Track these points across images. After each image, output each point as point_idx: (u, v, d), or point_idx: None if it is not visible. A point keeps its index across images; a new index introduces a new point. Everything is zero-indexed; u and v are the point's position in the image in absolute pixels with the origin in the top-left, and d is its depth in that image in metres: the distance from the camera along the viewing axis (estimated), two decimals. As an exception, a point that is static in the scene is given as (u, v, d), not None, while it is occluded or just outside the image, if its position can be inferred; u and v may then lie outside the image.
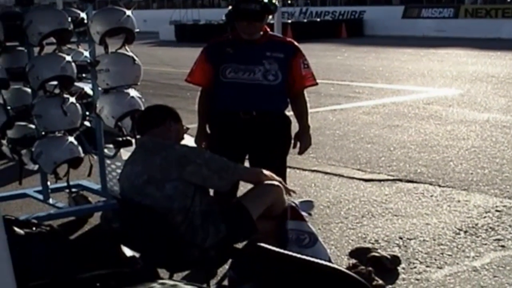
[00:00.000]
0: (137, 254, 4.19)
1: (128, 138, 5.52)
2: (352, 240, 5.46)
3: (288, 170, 5.29)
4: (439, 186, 7.00)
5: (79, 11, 5.64)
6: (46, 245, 4.12)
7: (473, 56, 20.69)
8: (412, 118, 10.98)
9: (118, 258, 4.16)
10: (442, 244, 5.32)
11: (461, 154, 8.36)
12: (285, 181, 4.96)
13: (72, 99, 5.35)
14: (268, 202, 4.22)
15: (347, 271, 3.89)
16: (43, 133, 5.35)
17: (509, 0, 34.41)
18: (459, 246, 5.27)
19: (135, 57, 5.52)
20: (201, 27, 32.65)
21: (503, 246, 5.24)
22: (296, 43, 5.07)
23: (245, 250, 4.13)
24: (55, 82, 5.30)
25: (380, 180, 7.30)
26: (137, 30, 5.51)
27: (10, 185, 6.70)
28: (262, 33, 4.94)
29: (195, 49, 5.49)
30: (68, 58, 5.30)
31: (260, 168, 4.52)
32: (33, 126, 5.47)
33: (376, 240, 5.45)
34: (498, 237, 5.44)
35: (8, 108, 5.32)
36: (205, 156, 4.12)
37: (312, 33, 30.29)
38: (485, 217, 5.95)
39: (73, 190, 6.03)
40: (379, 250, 4.95)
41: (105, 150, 5.85)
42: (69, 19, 5.31)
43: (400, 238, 5.48)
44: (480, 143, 8.94)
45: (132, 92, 5.52)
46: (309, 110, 5.11)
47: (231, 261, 4.20)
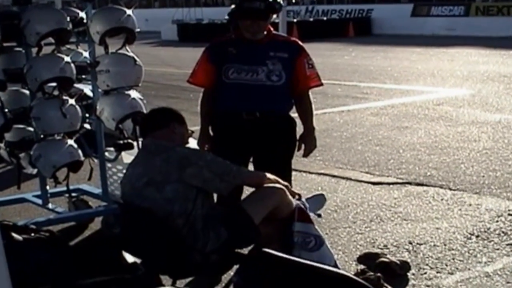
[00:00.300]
0: (138, 260, 4.19)
1: (129, 141, 5.53)
2: (360, 245, 5.46)
3: (294, 173, 5.30)
4: (450, 189, 6.99)
5: (78, 11, 5.65)
6: (46, 252, 4.12)
7: (484, 55, 20.67)
8: (421, 119, 10.97)
9: (119, 264, 4.16)
10: (453, 249, 5.31)
11: (472, 156, 8.35)
12: (290, 184, 4.97)
13: (71, 101, 5.35)
14: (270, 205, 4.21)
15: (355, 277, 3.89)
16: (42, 136, 5.36)
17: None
18: (471, 251, 5.26)
19: (136, 58, 5.53)
20: (204, 27, 32.68)
21: (516, 251, 5.25)
22: (300, 43, 5.07)
23: (250, 256, 4.12)
24: (54, 84, 5.29)
25: (389, 183, 7.29)
26: (138, 30, 5.52)
27: (8, 189, 6.70)
28: (266, 32, 4.95)
29: (198, 49, 5.49)
30: (67, 59, 5.30)
31: (264, 170, 4.51)
32: (31, 129, 5.47)
33: (385, 245, 5.45)
34: (511, 241, 5.44)
35: (6, 110, 5.31)
36: (207, 158, 4.13)
37: (318, 32, 30.30)
38: (497, 221, 5.94)
39: (73, 194, 6.03)
40: (388, 256, 4.95)
41: (106, 153, 5.86)
42: (68, 18, 5.31)
43: (410, 243, 5.48)
44: (492, 145, 8.93)
45: (133, 94, 5.53)
46: (314, 111, 5.11)
47: (237, 267, 4.20)
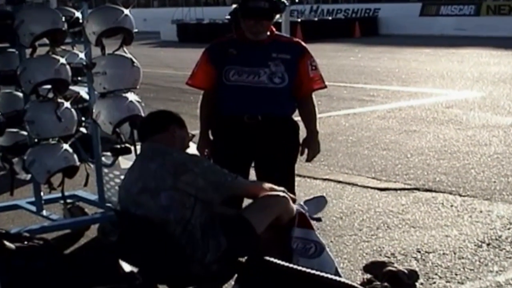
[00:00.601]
0: (135, 269, 4.18)
1: (127, 145, 5.53)
2: (366, 254, 5.46)
3: (298, 178, 5.30)
4: (460, 195, 6.99)
5: (74, 10, 5.65)
6: (39, 260, 4.12)
7: (495, 56, 20.68)
8: (430, 122, 10.97)
9: (116, 274, 4.16)
10: (463, 258, 5.31)
11: (483, 161, 8.34)
12: (293, 190, 4.97)
13: (66, 104, 5.36)
14: (274, 214, 4.19)
15: (361, 287, 3.88)
16: (36, 140, 5.36)
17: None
18: (482, 260, 5.26)
19: (133, 59, 5.53)
20: (205, 27, 32.71)
21: (528, 260, 5.24)
22: (303, 43, 5.07)
23: (250, 264, 4.12)
24: (48, 86, 5.31)
25: (396, 189, 7.29)
26: (136, 30, 5.52)
27: (1, 196, 6.69)
28: (268, 33, 4.95)
29: (199, 50, 5.49)
30: (62, 60, 5.31)
31: (266, 176, 4.50)
32: (25, 133, 5.47)
33: (392, 254, 5.44)
34: (523, 250, 5.44)
35: (-1, 113, 5.34)
36: (204, 165, 4.11)
37: (323, 32, 30.34)
38: (509, 228, 5.94)
39: (68, 201, 6.03)
40: (395, 264, 4.93)
41: (103, 158, 5.85)
42: (63, 18, 5.32)
43: (418, 251, 5.47)
44: (504, 149, 8.93)
45: (131, 96, 5.53)
46: (318, 115, 5.10)
47: (236, 275, 4.19)
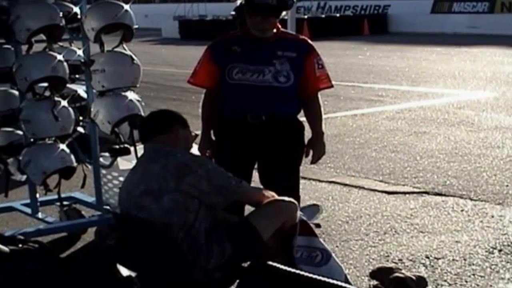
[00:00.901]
0: (134, 274, 4.19)
1: (126, 145, 5.53)
2: (373, 259, 5.46)
3: (302, 181, 5.30)
4: (471, 199, 6.98)
5: (72, 5, 5.65)
6: (34, 264, 4.12)
7: (509, 55, 20.65)
8: (441, 124, 10.97)
9: (113, 278, 4.16)
10: (473, 264, 5.30)
11: (495, 164, 8.34)
12: (298, 192, 4.98)
13: (64, 103, 5.35)
14: (280, 222, 4.19)
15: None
16: (32, 140, 5.36)
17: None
18: (493, 267, 5.25)
19: (133, 56, 5.54)
20: (207, 23, 32.75)
21: (541, 267, 5.24)
22: (309, 41, 5.07)
23: (253, 269, 4.12)
24: (45, 84, 5.31)
25: (405, 193, 7.29)
26: (136, 27, 5.53)
27: (-4, 197, 6.72)
28: (274, 30, 4.95)
29: (201, 47, 5.49)
30: (60, 57, 5.30)
31: (270, 177, 4.49)
32: (20, 132, 5.48)
33: (400, 259, 5.44)
34: (536, 256, 5.44)
35: (-7, 112, 5.35)
36: (208, 168, 4.11)
37: (330, 30, 30.35)
38: (521, 234, 5.94)
39: (65, 203, 6.02)
40: (403, 271, 4.92)
41: (101, 159, 5.86)
42: (61, 14, 5.32)
43: (427, 257, 5.47)
44: (517, 152, 8.93)
45: (131, 95, 5.54)
46: (323, 115, 5.11)
47: (238, 281, 4.20)
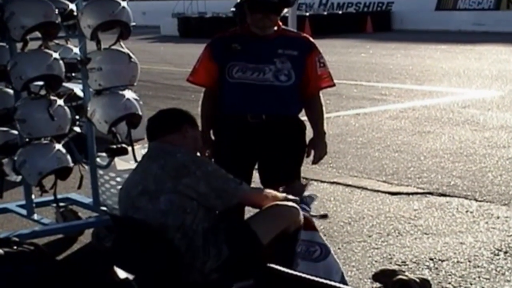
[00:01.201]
0: (131, 277, 4.19)
1: (123, 145, 5.53)
2: (376, 261, 5.46)
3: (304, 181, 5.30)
4: (476, 200, 6.98)
5: (68, 2, 5.64)
6: (30, 267, 4.12)
7: (516, 53, 20.67)
8: (445, 123, 10.97)
9: (110, 281, 4.16)
10: (478, 266, 5.31)
11: (501, 164, 8.34)
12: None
13: (60, 102, 5.36)
14: (282, 226, 4.18)
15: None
16: (27, 139, 5.36)
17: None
18: (498, 269, 5.25)
19: (131, 54, 5.54)
20: (207, 21, 32.77)
21: (548, 269, 5.24)
22: (311, 39, 5.08)
23: (253, 271, 4.12)
24: (40, 83, 5.31)
25: (408, 194, 7.29)
26: (133, 24, 5.53)
27: (-10, 198, 6.72)
28: (275, 28, 4.95)
29: (200, 45, 5.50)
30: (56, 55, 5.31)
31: (271, 178, 4.48)
32: (15, 132, 5.48)
33: (403, 261, 5.44)
34: (543, 258, 5.44)
35: (-12, 111, 5.34)
36: (208, 169, 4.09)
37: (333, 27, 30.37)
38: (528, 235, 5.95)
39: (61, 204, 6.04)
40: (406, 273, 4.94)
41: (97, 159, 5.86)
42: (57, 11, 5.32)
43: (431, 259, 5.48)
44: (523, 152, 8.93)
45: (128, 94, 5.54)
46: (325, 114, 5.11)
47: (237, 283, 4.20)
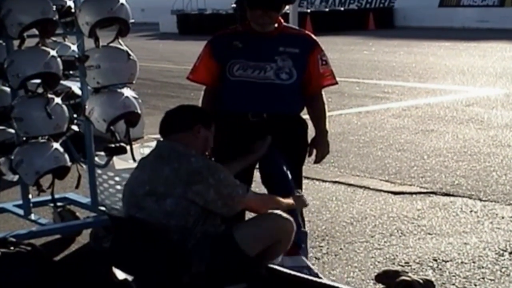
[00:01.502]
0: (130, 277, 4.20)
1: (122, 144, 5.53)
2: (378, 262, 5.46)
3: (305, 181, 5.31)
4: (480, 200, 6.98)
5: (66, -1, 5.67)
6: (27, 268, 4.13)
7: (520, 51, 20.68)
8: (449, 121, 10.97)
9: (109, 282, 4.17)
10: (483, 267, 5.30)
11: (505, 163, 8.34)
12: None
13: (57, 100, 5.35)
14: (272, 240, 4.13)
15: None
16: (24, 138, 5.36)
17: None
18: (503, 270, 5.25)
19: (130, 52, 5.53)
20: (207, 18, 32.82)
21: (553, 270, 5.24)
22: (313, 36, 5.08)
23: (245, 276, 4.12)
24: (38, 80, 5.31)
25: (411, 193, 7.29)
26: (132, 21, 5.52)
27: (-13, 198, 6.72)
28: (276, 25, 4.96)
29: (200, 42, 5.51)
30: (53, 52, 5.30)
31: (273, 176, 4.47)
32: (12, 131, 5.48)
33: (406, 262, 5.45)
34: (548, 259, 5.44)
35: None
36: (220, 177, 4.10)
37: (334, 24, 30.39)
38: (533, 236, 5.94)
39: (59, 204, 6.03)
40: (410, 274, 4.92)
41: (96, 159, 5.86)
42: (54, 7, 5.32)
43: (435, 259, 5.47)
44: (528, 151, 8.93)
45: (127, 92, 5.53)
46: (327, 113, 5.11)
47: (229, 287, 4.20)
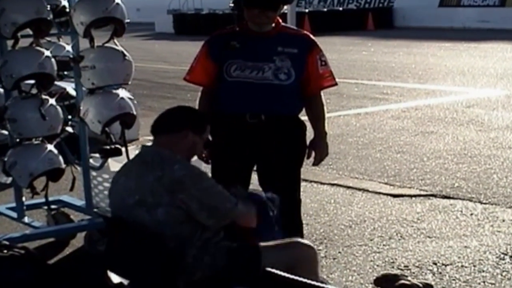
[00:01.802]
0: (125, 281, 4.20)
1: (117, 146, 5.53)
2: (377, 266, 5.47)
3: (303, 183, 5.31)
4: (480, 202, 6.98)
5: (60, -1, 5.67)
6: (20, 271, 4.13)
7: (521, 51, 20.68)
8: (449, 123, 10.97)
9: (104, 285, 4.17)
10: (483, 271, 5.31)
11: (506, 166, 8.34)
12: (299, 195, 4.98)
13: (51, 101, 5.36)
14: (292, 267, 4.05)
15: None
16: (18, 140, 5.36)
17: None
18: (504, 273, 5.25)
19: (125, 52, 5.54)
20: (203, 17, 32.79)
21: (555, 274, 5.24)
22: (312, 36, 5.08)
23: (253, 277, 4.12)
24: (32, 81, 5.31)
25: (411, 196, 7.29)
26: (127, 21, 5.53)
27: (-20, 201, 6.72)
28: (274, 24, 4.96)
29: (197, 43, 5.52)
30: (47, 53, 5.31)
31: (270, 180, 4.45)
32: (6, 132, 5.48)
33: (406, 266, 5.45)
34: (550, 262, 5.44)
35: (-23, 111, 5.34)
36: (203, 186, 4.03)
37: (333, 24, 30.34)
38: (534, 239, 5.95)
39: (53, 206, 6.03)
40: (409, 278, 4.93)
41: (90, 160, 5.86)
42: (48, 7, 5.32)
43: (434, 263, 5.48)
44: (529, 153, 8.93)
45: (122, 93, 5.53)
46: (326, 114, 5.11)
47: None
